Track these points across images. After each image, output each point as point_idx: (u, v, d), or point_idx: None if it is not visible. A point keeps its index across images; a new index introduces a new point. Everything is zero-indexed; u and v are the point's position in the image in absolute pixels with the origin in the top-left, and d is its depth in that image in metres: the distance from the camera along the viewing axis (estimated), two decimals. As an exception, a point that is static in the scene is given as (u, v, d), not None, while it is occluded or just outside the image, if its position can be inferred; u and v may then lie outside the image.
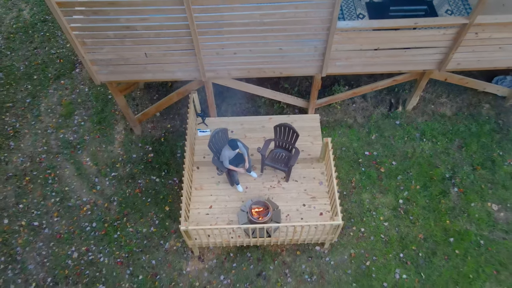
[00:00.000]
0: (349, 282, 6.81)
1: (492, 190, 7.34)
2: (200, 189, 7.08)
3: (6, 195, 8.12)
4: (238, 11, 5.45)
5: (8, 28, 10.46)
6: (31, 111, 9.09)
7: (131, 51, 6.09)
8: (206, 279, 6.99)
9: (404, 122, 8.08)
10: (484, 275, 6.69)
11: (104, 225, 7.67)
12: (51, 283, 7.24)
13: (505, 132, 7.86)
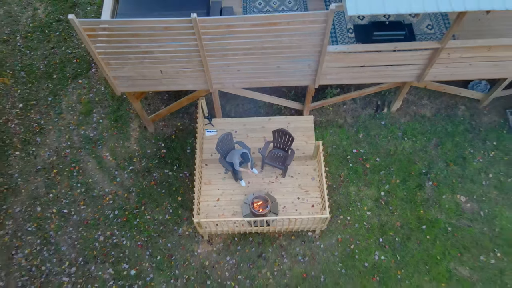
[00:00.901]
0: (336, 262, 8.10)
1: (462, 184, 8.51)
2: (208, 184, 8.24)
3: (37, 186, 9.30)
4: (241, 39, 6.40)
5: (25, 27, 11.26)
6: (53, 108, 10.11)
7: (149, 69, 7.07)
8: (215, 260, 8.28)
9: (389, 122, 9.13)
10: (449, 257, 7.97)
11: (125, 212, 8.89)
12: (82, 262, 8.54)
13: (477, 132, 8.93)
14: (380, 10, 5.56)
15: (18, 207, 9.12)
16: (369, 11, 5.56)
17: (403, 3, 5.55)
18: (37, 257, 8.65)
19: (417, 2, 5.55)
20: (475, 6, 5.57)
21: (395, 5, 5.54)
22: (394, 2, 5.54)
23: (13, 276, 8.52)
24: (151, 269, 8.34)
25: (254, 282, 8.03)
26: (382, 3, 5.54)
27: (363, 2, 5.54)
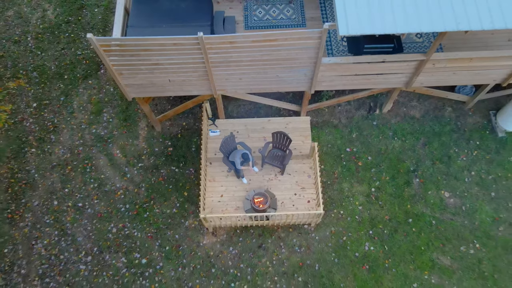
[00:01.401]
0: (329, 253, 8.92)
1: (446, 181, 9.26)
2: (213, 181, 9.00)
3: (53, 181, 10.06)
4: (243, 53, 7.04)
5: (35, 28, 11.83)
6: (65, 108, 10.78)
7: (158, 78, 7.73)
8: (219, 250, 9.10)
9: (380, 123, 9.83)
10: (433, 247, 8.79)
11: (135, 206, 9.67)
12: (97, 251, 9.36)
13: (462, 132, 9.63)
14: (369, 31, 6.20)
15: (36, 201, 9.90)
16: (358, 31, 6.19)
17: (390, 24, 6.18)
18: (56, 247, 9.47)
19: (401, 24, 6.18)
20: (454, 27, 6.20)
21: (383, 26, 6.18)
22: (382, 24, 6.17)
23: (34, 264, 9.35)
24: (160, 258, 9.16)
25: (255, 270, 8.86)
26: (370, 25, 6.17)
27: (354, 24, 6.17)
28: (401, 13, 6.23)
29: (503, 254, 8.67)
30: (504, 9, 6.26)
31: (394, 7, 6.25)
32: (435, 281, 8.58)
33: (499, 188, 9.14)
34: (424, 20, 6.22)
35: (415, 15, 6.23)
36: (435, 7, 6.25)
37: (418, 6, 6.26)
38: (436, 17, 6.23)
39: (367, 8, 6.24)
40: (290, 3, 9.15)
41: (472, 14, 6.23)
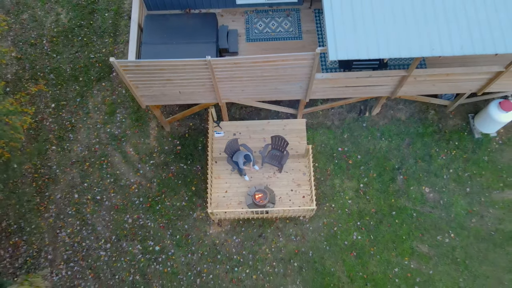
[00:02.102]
0: (322, 241, 10.15)
1: (427, 177, 10.40)
2: (218, 178, 10.13)
3: (73, 176, 11.21)
4: (245, 71, 8.04)
5: (50, 32, 12.70)
6: (81, 108, 11.81)
7: (169, 90, 8.74)
8: (223, 238, 10.33)
9: (369, 124, 10.88)
10: (413, 237, 10.01)
11: (148, 199, 10.85)
12: (115, 239, 10.60)
13: (443, 133, 10.70)
14: (355, 56, 7.18)
15: (58, 194, 11.08)
16: (346, 56, 7.18)
17: (373, 51, 7.16)
18: (78, 235, 10.71)
19: (383, 51, 7.16)
20: (429, 53, 7.18)
21: (367, 52, 7.16)
22: (366, 51, 7.15)
23: (59, 251, 10.61)
24: (172, 246, 10.41)
25: (255, 256, 10.12)
26: (356, 51, 7.16)
27: (342, 50, 7.15)
28: (383, 40, 7.20)
29: (474, 243, 9.90)
30: (474, 37, 7.22)
31: (378, 35, 7.22)
32: (414, 266, 9.85)
33: (473, 184, 10.28)
34: (403, 47, 7.20)
35: (396, 42, 7.21)
36: (414, 35, 7.21)
37: (399, 34, 7.22)
38: (414, 44, 7.20)
39: (354, 36, 7.21)
40: (288, 16, 10.04)
41: (445, 41, 7.20)
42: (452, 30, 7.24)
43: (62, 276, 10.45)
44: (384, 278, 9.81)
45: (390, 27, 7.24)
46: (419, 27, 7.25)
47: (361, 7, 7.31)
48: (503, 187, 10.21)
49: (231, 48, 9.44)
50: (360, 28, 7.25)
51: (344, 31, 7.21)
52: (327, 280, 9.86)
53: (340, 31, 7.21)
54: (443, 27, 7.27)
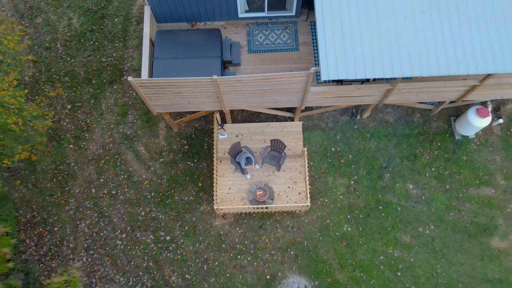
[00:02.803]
0: (315, 232, 11.41)
1: (411, 175, 11.57)
2: (222, 176, 11.30)
3: (90, 173, 12.37)
4: (248, 87, 9.08)
5: (63, 36, 13.62)
6: (96, 110, 12.87)
7: (179, 101, 9.80)
8: (227, 229, 11.58)
9: (360, 126, 11.97)
10: (397, 228, 11.26)
11: (159, 194, 12.05)
12: (130, 230, 11.86)
13: (427, 135, 11.81)
14: (344, 77, 8.23)
15: (77, 188, 12.27)
16: (336, 77, 8.23)
17: (360, 72, 8.20)
18: (96, 226, 11.96)
19: (370, 72, 8.20)
20: (409, 73, 8.22)
21: (355, 73, 8.20)
22: (354, 72, 8.18)
23: (79, 240, 11.89)
24: (181, 236, 11.68)
25: (256, 246, 11.40)
26: (345, 72, 8.19)
27: (333, 71, 8.19)
28: (370, 62, 8.23)
29: (451, 234, 11.16)
30: (449, 59, 8.24)
31: (365, 58, 8.24)
32: (397, 255, 11.14)
33: (453, 181, 11.46)
34: (387, 68, 8.24)
35: (380, 64, 8.24)
36: (396, 58, 8.23)
37: (383, 57, 8.25)
38: (396, 65, 8.23)
39: (343, 59, 8.24)
40: (286, 29, 10.97)
41: (423, 63, 8.23)
42: (430, 54, 8.26)
43: (83, 262, 11.76)
44: (370, 265, 11.11)
45: (375, 51, 8.25)
46: (401, 51, 8.27)
47: (350, 33, 8.30)
48: (479, 184, 11.40)
49: (234, 60, 10.44)
50: (349, 51, 8.26)
51: (335, 55, 8.22)
52: (320, 267, 11.17)
53: (331, 55, 8.22)
54: (422, 50, 8.29)
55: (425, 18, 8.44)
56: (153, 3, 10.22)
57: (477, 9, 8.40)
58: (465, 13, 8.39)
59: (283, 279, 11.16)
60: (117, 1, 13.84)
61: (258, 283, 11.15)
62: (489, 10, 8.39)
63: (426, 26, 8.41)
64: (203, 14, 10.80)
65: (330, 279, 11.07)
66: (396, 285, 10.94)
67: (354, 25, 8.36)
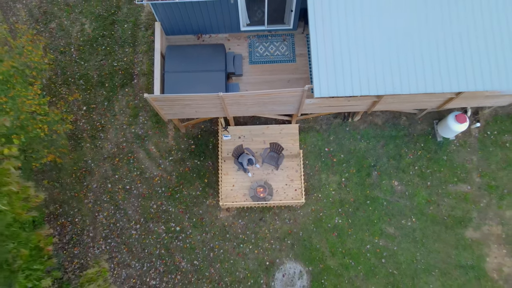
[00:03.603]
0: (310, 224, 12.86)
1: (396, 173, 12.93)
2: (226, 175, 12.66)
3: (106, 169, 13.73)
4: (248, 100, 10.31)
5: (77, 41, 14.70)
6: (109, 111, 14.10)
7: (188, 110, 11.04)
8: (231, 221, 13.03)
9: (351, 128, 13.24)
10: (382, 221, 12.71)
11: (169, 189, 13.44)
12: (143, 221, 13.31)
13: (412, 136, 13.09)
14: (334, 94, 9.46)
15: (94, 184, 13.66)
16: (327, 94, 9.46)
17: (348, 90, 9.42)
18: (113, 217, 13.41)
19: (357, 89, 9.42)
20: (391, 91, 9.44)
21: (343, 91, 9.43)
22: (343, 90, 9.41)
23: (98, 230, 13.36)
24: (189, 226, 13.13)
25: (257, 236, 12.87)
26: (335, 90, 9.42)
27: (324, 89, 9.42)
28: (357, 82, 9.45)
29: (430, 226, 12.61)
30: (427, 78, 9.45)
31: (353, 77, 9.45)
32: (382, 244, 12.63)
33: (433, 179, 12.83)
34: (372, 87, 9.46)
35: (366, 83, 9.46)
36: (380, 77, 9.45)
37: (369, 77, 9.46)
38: (380, 84, 9.46)
39: (334, 78, 9.46)
40: (284, 41, 12.09)
41: (404, 82, 9.45)
42: (410, 73, 9.46)
43: (102, 249, 13.27)
44: (358, 253, 12.62)
45: (362, 72, 9.46)
46: (384, 71, 9.47)
47: (340, 56, 9.49)
48: (457, 181, 12.77)
49: (237, 72, 11.62)
50: (339, 72, 9.47)
51: (326, 75, 9.44)
52: (314, 254, 12.68)
53: (323, 75, 9.44)
54: (403, 70, 9.49)
55: (407, 41, 9.61)
56: (162, 19, 11.32)
57: (452, 35, 9.56)
58: (442, 38, 9.54)
59: (281, 265, 12.69)
60: (126, 7, 14.85)
61: (258, 269, 12.68)
62: (464, 37, 9.55)
63: (408, 48, 9.58)
64: (208, 27, 11.89)
65: (322, 265, 12.60)
66: (380, 270, 12.47)
67: (344, 49, 9.52)
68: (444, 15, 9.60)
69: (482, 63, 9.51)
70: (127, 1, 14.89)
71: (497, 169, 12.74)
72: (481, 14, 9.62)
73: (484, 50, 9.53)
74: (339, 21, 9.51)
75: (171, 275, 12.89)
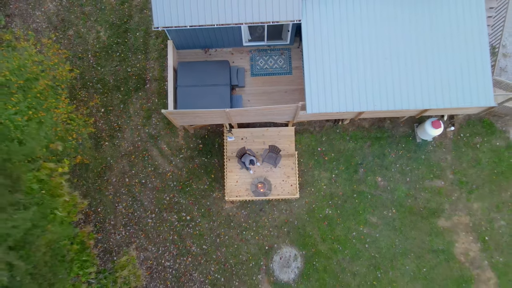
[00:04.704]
0: (303, 214, 14.92)
1: (380, 170, 14.87)
2: (231, 172, 14.61)
3: (123, 165, 15.66)
4: (250, 113, 12.12)
5: (93, 48, 16.30)
6: (125, 113, 15.89)
7: (198, 120, 12.84)
8: (235, 211, 15.08)
9: (341, 130, 15.09)
10: (367, 212, 14.76)
11: (180, 183, 15.42)
12: (158, 211, 15.37)
13: (394, 138, 14.96)
14: (323, 110, 11.26)
15: (114, 178, 15.62)
16: (318, 111, 11.27)
17: (336, 106, 11.22)
18: (131, 208, 15.45)
19: (343, 106, 11.21)
20: (372, 108, 11.23)
21: (331, 108, 11.23)
22: (331, 106, 11.21)
23: (118, 219, 15.43)
24: (198, 216, 15.19)
25: (257, 224, 14.95)
26: (324, 107, 11.23)
27: (315, 106, 11.22)
28: (343, 100, 11.26)
29: (408, 216, 14.67)
30: (403, 97, 11.24)
31: (339, 96, 11.25)
32: (366, 231, 14.73)
33: (412, 175, 14.80)
34: (356, 104, 11.27)
35: (351, 101, 11.27)
36: (363, 96, 11.24)
37: (353, 95, 11.24)
38: (363, 102, 11.26)
39: (323, 97, 11.25)
40: (281, 55, 13.75)
41: (383, 99, 11.24)
42: (388, 92, 11.25)
43: (122, 235, 15.38)
44: (345, 239, 14.73)
45: (348, 91, 11.25)
46: (367, 90, 11.25)
47: (329, 78, 11.26)
48: (432, 177, 14.74)
49: (240, 84, 13.35)
50: (328, 91, 11.28)
51: (317, 95, 11.24)
52: (307, 240, 14.80)
53: (315, 94, 11.24)
54: (383, 90, 11.26)
55: (387, 64, 11.34)
56: (174, 38, 12.95)
57: (419, 63, 11.30)
58: (411, 64, 11.28)
59: (278, 249, 14.84)
60: (137, 16, 16.37)
61: (259, 252, 14.84)
62: (429, 65, 11.28)
63: (387, 70, 11.33)
64: (214, 43, 13.53)
65: (314, 249, 14.74)
66: (364, 254, 14.63)
67: (333, 71, 11.28)
68: (412, 47, 11.29)
69: (443, 86, 11.29)
70: (138, 10, 16.40)
71: (468, 167, 14.69)
72: (437, 52, 11.34)
73: (445, 76, 11.31)
74: (329, 49, 11.22)
75: (183, 257, 15.06)
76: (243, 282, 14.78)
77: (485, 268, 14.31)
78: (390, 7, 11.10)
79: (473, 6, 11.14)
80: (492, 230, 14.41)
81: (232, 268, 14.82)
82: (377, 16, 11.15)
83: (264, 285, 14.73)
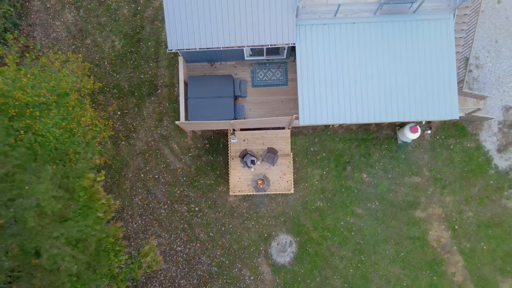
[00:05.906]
0: (298, 206, 17.25)
1: (366, 168, 17.11)
2: (234, 170, 16.84)
3: (139, 163, 17.89)
4: (252, 123, 14.25)
5: (109, 56, 18.25)
6: (139, 116, 17.99)
7: (206, 127, 14.98)
8: (238, 204, 17.41)
9: (332, 133, 17.23)
10: (353, 204, 17.08)
11: (189, 179, 17.68)
12: (170, 203, 17.69)
13: (378, 139, 17.13)
14: (313, 122, 13.39)
15: (130, 173, 17.87)
16: (309, 123, 13.40)
17: (324, 119, 13.34)
18: (146, 200, 17.77)
19: (331, 119, 13.33)
20: (355, 120, 13.37)
21: (321, 120, 13.35)
22: (320, 118, 13.33)
23: (135, 209, 17.77)
24: (206, 207, 17.52)
25: (258, 214, 17.30)
26: (315, 119, 13.35)
27: (307, 118, 13.35)
28: (331, 113, 13.37)
29: (389, 208, 17.00)
30: (381, 111, 13.35)
31: (328, 109, 13.35)
32: (352, 221, 17.09)
33: (394, 172, 17.04)
34: (341, 116, 13.39)
35: (338, 114, 13.37)
36: (348, 110, 13.34)
37: (340, 109, 13.34)
38: (347, 115, 13.37)
39: (314, 110, 13.36)
40: (279, 68, 15.75)
41: (365, 113, 13.36)
42: (370, 107, 13.35)
43: (138, 224, 17.75)
44: (334, 228, 17.11)
45: (335, 106, 13.33)
46: (351, 105, 13.35)
47: (319, 94, 13.34)
48: (411, 174, 16.99)
49: (242, 94, 15.41)
50: (318, 106, 13.38)
51: (309, 108, 13.35)
52: (300, 228, 17.18)
53: (306, 108, 13.34)
54: (364, 105, 13.36)
55: (369, 83, 13.39)
56: (184, 55, 14.93)
57: (396, 81, 13.33)
58: (389, 83, 13.31)
59: (276, 236, 17.24)
60: (148, 27, 18.24)
61: (259, 239, 17.25)
62: (410, 82, 13.33)
63: (368, 88, 13.39)
64: (219, 58, 15.52)
65: (307, 237, 17.14)
66: (350, 240, 17.04)
67: (322, 89, 13.35)
68: (391, 69, 13.32)
69: (416, 102, 13.39)
70: (150, 21, 18.26)
71: (442, 165, 16.93)
72: (412, 74, 13.35)
73: (418, 94, 13.38)
74: (319, 69, 13.26)
75: (192, 243, 17.48)
76: (245, 264, 17.24)
77: (454, 253, 16.75)
78: (372, 35, 13.08)
79: (444, 41, 13.15)
80: (461, 220, 16.78)
81: (235, 252, 17.24)
82: (360, 42, 13.14)
83: (264, 267, 17.20)
